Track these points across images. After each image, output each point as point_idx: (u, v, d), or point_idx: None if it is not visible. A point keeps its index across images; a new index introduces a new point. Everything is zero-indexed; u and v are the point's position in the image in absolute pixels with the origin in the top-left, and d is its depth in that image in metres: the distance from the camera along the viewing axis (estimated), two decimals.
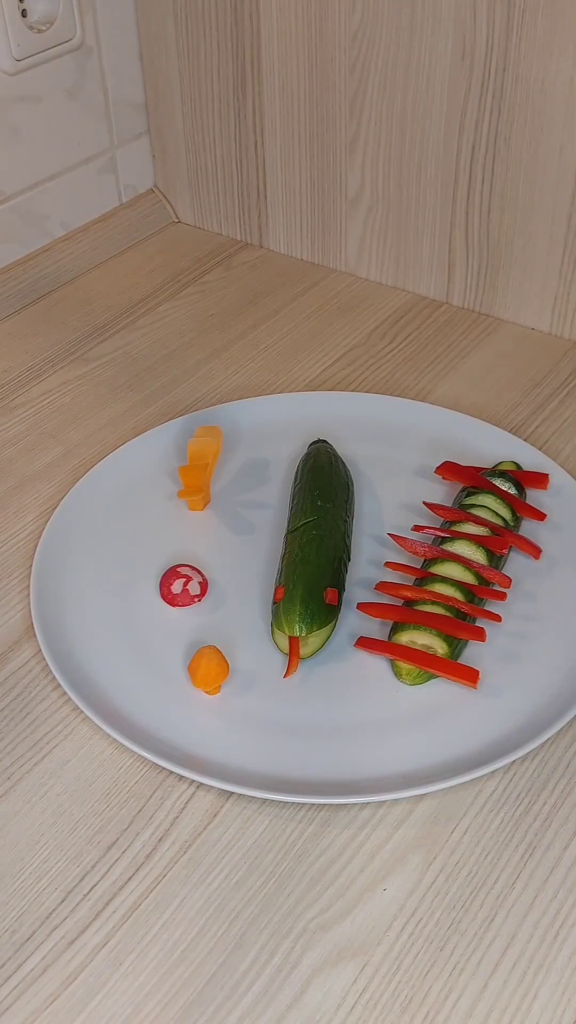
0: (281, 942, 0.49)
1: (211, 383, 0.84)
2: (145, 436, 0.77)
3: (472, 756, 0.56)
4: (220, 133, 0.96)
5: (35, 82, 0.89)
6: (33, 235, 0.95)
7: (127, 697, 0.59)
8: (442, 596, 0.62)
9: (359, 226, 0.93)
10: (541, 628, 0.63)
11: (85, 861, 0.52)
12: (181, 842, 0.53)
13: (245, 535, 0.70)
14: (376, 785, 0.54)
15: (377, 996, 0.47)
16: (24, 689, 0.61)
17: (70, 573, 0.67)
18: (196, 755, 0.56)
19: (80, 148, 0.96)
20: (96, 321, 0.92)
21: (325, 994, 0.47)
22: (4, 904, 0.51)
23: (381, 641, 0.61)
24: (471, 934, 0.49)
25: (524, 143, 0.80)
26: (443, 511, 0.68)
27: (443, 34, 0.79)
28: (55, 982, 0.48)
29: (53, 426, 0.80)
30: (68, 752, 0.57)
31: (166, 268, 0.99)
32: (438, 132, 0.84)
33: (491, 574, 0.64)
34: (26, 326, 0.91)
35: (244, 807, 0.55)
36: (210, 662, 0.58)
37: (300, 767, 0.56)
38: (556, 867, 0.52)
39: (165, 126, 1.00)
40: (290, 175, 0.95)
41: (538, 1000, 0.47)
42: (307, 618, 0.60)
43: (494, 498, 0.68)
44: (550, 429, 0.78)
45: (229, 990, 0.47)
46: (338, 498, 0.68)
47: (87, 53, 0.92)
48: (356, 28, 0.83)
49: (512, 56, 0.77)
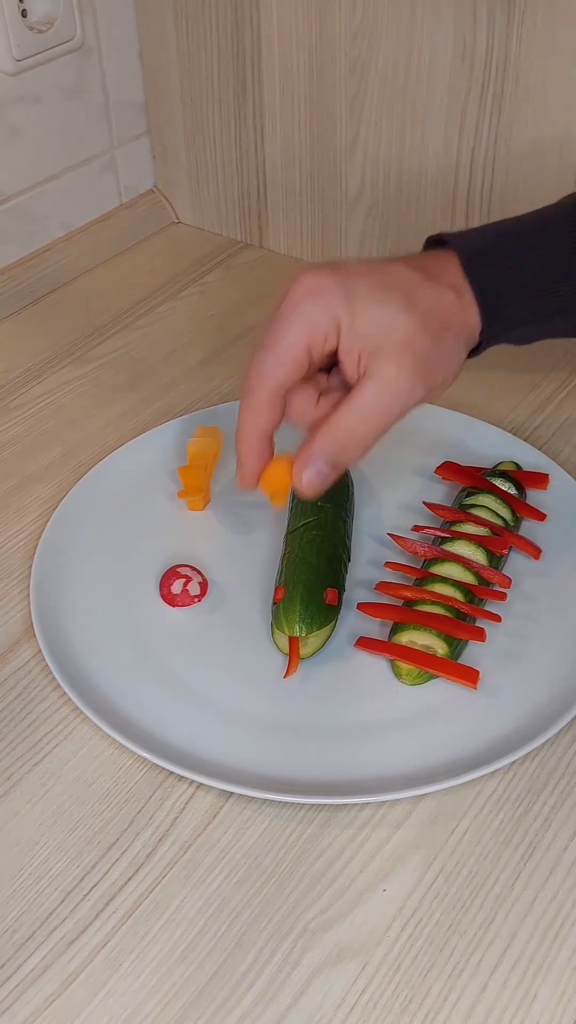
0: (281, 942, 0.49)
1: (211, 383, 0.84)
2: (145, 436, 0.77)
3: (472, 756, 0.56)
4: (220, 133, 0.96)
5: (35, 82, 0.89)
6: (33, 235, 0.95)
7: (127, 697, 0.59)
8: (442, 596, 0.62)
9: (359, 226, 0.93)
10: (541, 628, 0.63)
11: (85, 861, 0.52)
12: (181, 842, 0.53)
13: (245, 535, 0.70)
14: (376, 785, 0.54)
15: (377, 996, 0.47)
16: (24, 689, 0.61)
17: (70, 573, 0.67)
18: (196, 755, 0.56)
19: (80, 148, 0.96)
20: (96, 321, 0.92)
21: (325, 994, 0.47)
22: (4, 904, 0.51)
23: (381, 641, 0.61)
24: (471, 935, 0.49)
25: (524, 143, 0.80)
26: (443, 511, 0.68)
27: (443, 34, 0.79)
28: (55, 982, 0.48)
29: (53, 426, 0.80)
30: (68, 752, 0.57)
31: (166, 268, 0.99)
32: (438, 132, 0.84)
33: (491, 574, 0.64)
34: (26, 326, 0.91)
35: (244, 807, 0.55)
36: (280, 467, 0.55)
37: (300, 767, 0.56)
38: (556, 867, 0.52)
39: (165, 126, 1.00)
40: (290, 175, 0.95)
41: (538, 1000, 0.47)
42: (307, 618, 0.60)
43: (494, 498, 0.68)
44: (550, 429, 0.78)
45: (229, 990, 0.47)
46: (338, 498, 0.68)
47: (87, 53, 0.92)
48: (356, 28, 0.83)
49: (512, 56, 0.77)
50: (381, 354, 0.52)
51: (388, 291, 0.52)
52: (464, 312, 0.54)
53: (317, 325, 0.51)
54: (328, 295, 0.51)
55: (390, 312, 0.52)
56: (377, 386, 0.52)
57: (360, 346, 0.52)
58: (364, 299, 0.52)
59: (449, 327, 0.54)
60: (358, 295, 0.52)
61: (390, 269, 0.53)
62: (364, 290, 0.52)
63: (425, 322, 0.52)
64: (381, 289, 0.52)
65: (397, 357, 0.52)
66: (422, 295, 0.53)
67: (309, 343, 0.52)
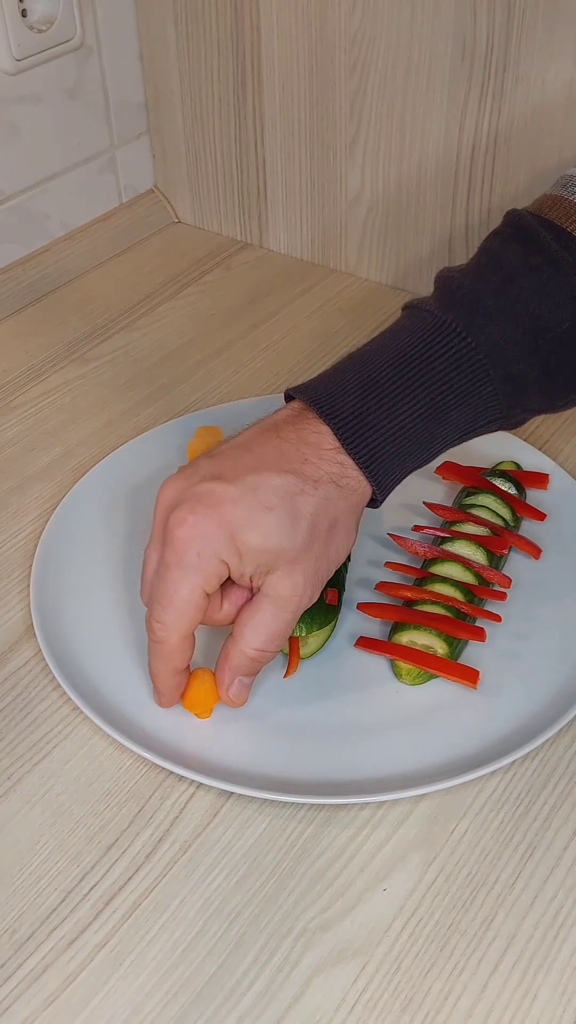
0: (281, 942, 0.49)
1: (211, 383, 0.84)
2: (145, 436, 0.77)
3: (472, 756, 0.56)
4: (220, 133, 0.96)
5: (35, 82, 0.89)
6: (33, 235, 0.95)
7: (127, 697, 0.59)
8: (442, 596, 0.62)
9: (359, 226, 0.93)
10: (541, 628, 0.63)
11: (85, 861, 0.52)
12: (181, 842, 0.53)
13: None
14: (376, 785, 0.54)
15: (377, 996, 0.47)
16: (24, 689, 0.61)
17: (70, 573, 0.67)
18: (196, 755, 0.56)
19: (80, 148, 0.96)
20: (96, 321, 0.92)
21: (325, 994, 0.47)
22: (4, 904, 0.51)
23: (381, 641, 0.61)
24: (471, 934, 0.49)
25: (524, 143, 0.80)
26: (443, 511, 0.68)
27: (443, 34, 0.79)
28: (55, 982, 0.48)
29: (53, 426, 0.80)
30: (68, 752, 0.57)
31: (166, 268, 0.99)
32: (438, 132, 0.84)
33: (491, 574, 0.64)
34: (26, 326, 0.91)
35: (244, 807, 0.55)
36: (202, 685, 0.57)
37: (300, 767, 0.56)
38: (556, 867, 0.52)
39: (165, 126, 1.00)
40: (290, 175, 0.95)
41: (538, 1000, 0.47)
42: (307, 618, 0.60)
43: (494, 498, 0.68)
44: (550, 429, 0.78)
45: (229, 990, 0.47)
46: None
47: (87, 53, 0.92)
48: (356, 28, 0.83)
49: (512, 56, 0.77)
50: (273, 574, 0.53)
51: (268, 514, 0.52)
52: (351, 491, 0.54)
53: (208, 574, 0.52)
54: (212, 541, 0.52)
55: (274, 540, 0.52)
56: (274, 605, 0.53)
57: (251, 572, 0.53)
58: (247, 532, 0.52)
59: (338, 522, 0.54)
60: (240, 531, 0.52)
61: (265, 481, 0.53)
62: (244, 523, 0.52)
63: (312, 534, 0.53)
64: (261, 513, 0.52)
65: (289, 577, 0.53)
66: (303, 504, 0.53)
67: (204, 588, 0.53)
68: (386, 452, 0.55)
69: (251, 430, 0.56)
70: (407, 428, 0.55)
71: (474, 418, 0.56)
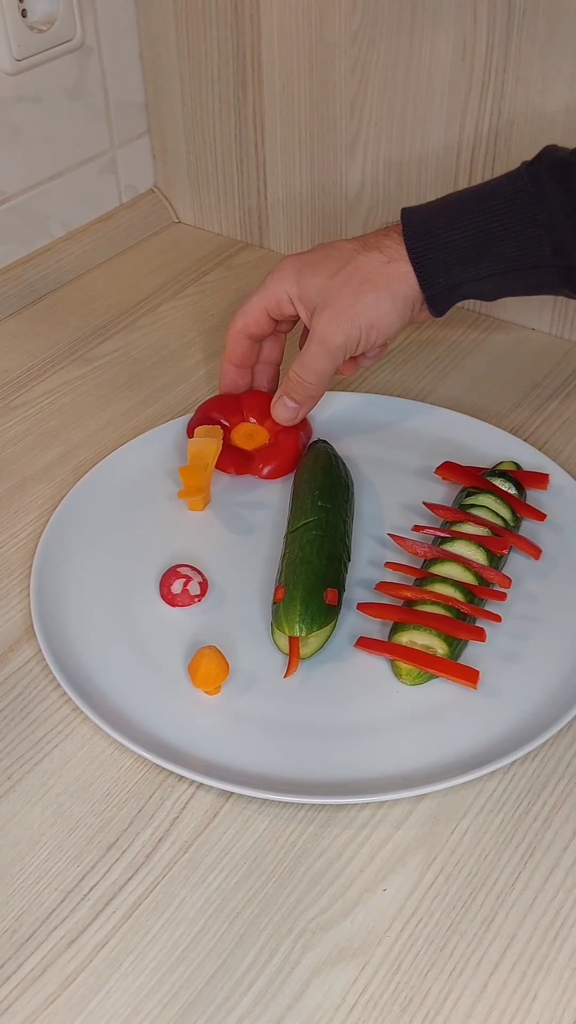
0: (281, 942, 0.49)
1: (211, 383, 0.84)
2: (145, 436, 0.77)
3: (472, 756, 0.56)
4: (220, 133, 0.96)
5: (35, 82, 0.89)
6: (33, 235, 0.95)
7: (127, 697, 0.59)
8: (442, 596, 0.62)
9: (359, 226, 0.93)
10: (541, 628, 0.63)
11: (85, 861, 0.52)
12: (181, 842, 0.53)
13: (245, 535, 0.70)
14: (376, 785, 0.54)
15: (377, 996, 0.47)
16: (24, 689, 0.61)
17: (70, 573, 0.67)
18: (196, 755, 0.56)
19: (80, 148, 0.96)
20: (96, 321, 0.92)
21: (325, 994, 0.47)
22: (4, 904, 0.51)
23: (381, 641, 0.61)
24: (471, 934, 0.49)
25: (524, 143, 0.80)
26: (443, 511, 0.68)
27: (443, 34, 0.79)
28: (55, 982, 0.48)
29: (53, 426, 0.80)
30: (68, 752, 0.57)
31: (166, 268, 0.99)
32: (438, 132, 0.84)
33: (491, 574, 0.64)
34: (26, 326, 0.91)
35: (244, 807, 0.55)
36: (210, 662, 0.58)
37: (300, 767, 0.56)
38: (556, 867, 0.52)
39: (165, 126, 1.00)
40: (290, 175, 0.95)
41: (538, 1000, 0.47)
42: (307, 618, 0.60)
43: (494, 498, 0.68)
44: (550, 429, 0.78)
45: (229, 990, 0.48)
46: (338, 498, 0.68)
47: (87, 53, 0.92)
48: (356, 28, 0.83)
49: (512, 56, 0.77)
50: (317, 312, 0.68)
51: (324, 263, 0.69)
52: (393, 268, 0.67)
53: (272, 296, 0.71)
54: (284, 274, 0.70)
55: (321, 280, 0.69)
56: (312, 341, 0.69)
57: (307, 307, 0.69)
58: (307, 274, 0.69)
59: (369, 281, 0.67)
60: (304, 272, 0.69)
61: (338, 247, 0.70)
62: (309, 267, 0.70)
63: (346, 281, 0.68)
64: (320, 263, 0.69)
65: (323, 313, 0.68)
66: (349, 261, 0.68)
67: (266, 307, 0.71)
68: (435, 255, 0.67)
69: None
70: (457, 242, 0.67)
71: (520, 255, 0.66)
